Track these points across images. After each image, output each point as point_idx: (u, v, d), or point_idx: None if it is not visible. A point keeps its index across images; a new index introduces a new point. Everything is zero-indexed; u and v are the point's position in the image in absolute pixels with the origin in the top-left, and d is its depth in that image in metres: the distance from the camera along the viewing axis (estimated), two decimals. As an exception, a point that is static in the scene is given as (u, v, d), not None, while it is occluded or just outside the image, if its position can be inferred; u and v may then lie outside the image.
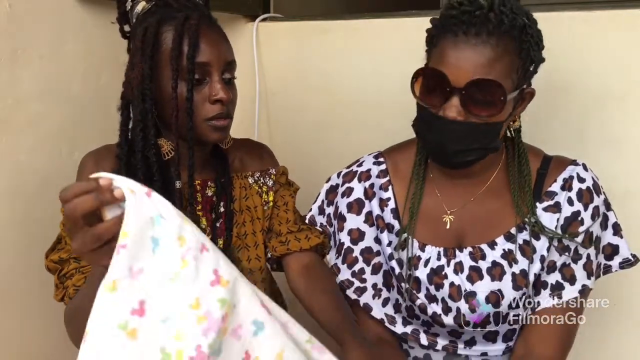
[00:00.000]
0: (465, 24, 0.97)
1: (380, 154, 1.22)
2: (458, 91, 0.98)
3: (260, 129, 1.79)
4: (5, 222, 1.29)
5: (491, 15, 0.97)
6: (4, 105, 1.26)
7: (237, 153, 1.26)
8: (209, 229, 1.18)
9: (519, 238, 1.09)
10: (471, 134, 1.01)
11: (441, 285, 1.11)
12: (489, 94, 0.98)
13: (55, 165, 1.37)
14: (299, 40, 1.74)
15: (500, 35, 0.97)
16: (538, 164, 1.13)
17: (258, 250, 1.22)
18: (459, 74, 0.97)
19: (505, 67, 0.98)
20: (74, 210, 0.72)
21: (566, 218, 1.09)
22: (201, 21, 1.08)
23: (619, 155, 1.35)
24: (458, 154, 1.03)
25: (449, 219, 1.13)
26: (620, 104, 1.34)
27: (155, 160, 1.08)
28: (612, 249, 1.13)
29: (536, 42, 1.01)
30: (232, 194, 1.21)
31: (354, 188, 1.19)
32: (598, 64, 1.35)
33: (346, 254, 1.18)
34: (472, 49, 0.97)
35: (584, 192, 1.09)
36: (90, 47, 1.40)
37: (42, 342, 1.40)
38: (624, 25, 1.33)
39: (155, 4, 1.11)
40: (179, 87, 1.06)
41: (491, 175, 1.13)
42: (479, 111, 0.99)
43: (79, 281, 1.06)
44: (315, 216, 1.26)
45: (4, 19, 1.23)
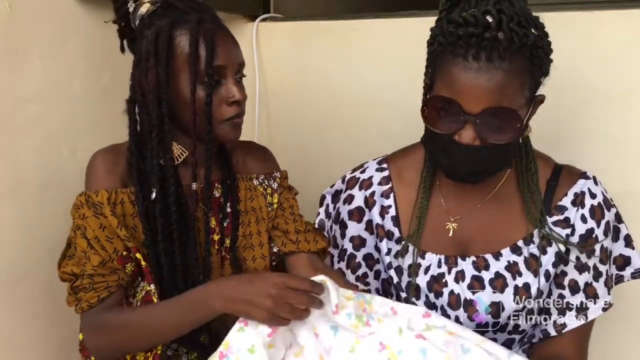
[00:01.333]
0: (475, 47, 0.93)
1: (384, 159, 1.21)
2: (472, 118, 0.95)
3: (260, 129, 1.79)
4: (5, 222, 1.29)
5: (500, 36, 0.93)
6: (4, 105, 1.26)
7: (240, 155, 1.27)
8: (218, 229, 1.19)
9: (525, 251, 1.08)
10: (488, 157, 0.99)
11: (441, 294, 1.10)
12: (505, 121, 0.96)
13: (55, 165, 1.37)
14: (299, 40, 1.74)
15: (512, 55, 0.93)
16: (548, 174, 1.11)
17: (263, 249, 1.23)
18: (473, 102, 0.94)
19: (518, 89, 0.95)
20: (288, 298, 0.94)
21: (581, 236, 1.07)
22: (214, 24, 1.10)
23: (619, 155, 1.35)
24: (473, 175, 1.03)
25: (452, 227, 1.12)
26: (620, 104, 1.35)
27: (172, 165, 1.10)
28: (624, 260, 1.13)
29: (546, 54, 0.99)
30: (237, 195, 1.22)
31: (354, 196, 1.19)
32: (598, 64, 1.35)
33: (349, 259, 1.19)
34: (484, 76, 0.93)
35: (596, 208, 1.08)
36: (90, 47, 1.39)
37: (43, 342, 1.40)
38: (624, 25, 1.33)
39: (160, 5, 1.11)
40: (196, 91, 1.07)
41: (498, 183, 1.11)
42: (496, 137, 0.96)
43: (92, 299, 1.07)
44: (325, 220, 1.26)
45: (4, 19, 1.23)
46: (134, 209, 1.12)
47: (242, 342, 0.94)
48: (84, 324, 1.10)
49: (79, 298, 1.08)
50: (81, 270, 1.08)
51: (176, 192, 1.11)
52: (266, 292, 0.95)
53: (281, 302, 0.94)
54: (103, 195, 1.09)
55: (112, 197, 1.10)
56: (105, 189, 1.10)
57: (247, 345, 0.93)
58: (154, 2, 1.11)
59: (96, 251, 1.07)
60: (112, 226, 1.08)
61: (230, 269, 1.20)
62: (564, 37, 1.34)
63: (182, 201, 1.13)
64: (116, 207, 1.10)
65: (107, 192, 1.10)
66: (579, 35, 1.36)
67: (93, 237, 1.08)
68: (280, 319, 0.95)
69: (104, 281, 1.08)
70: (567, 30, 1.36)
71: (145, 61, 1.09)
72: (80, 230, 1.09)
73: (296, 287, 0.96)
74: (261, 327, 0.95)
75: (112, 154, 1.14)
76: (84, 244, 1.08)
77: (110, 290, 1.08)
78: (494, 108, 0.94)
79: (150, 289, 1.10)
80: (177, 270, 1.11)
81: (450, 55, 0.96)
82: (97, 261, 1.07)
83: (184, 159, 1.14)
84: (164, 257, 1.10)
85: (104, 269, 1.07)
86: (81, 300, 1.08)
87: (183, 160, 1.14)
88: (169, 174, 1.10)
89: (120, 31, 1.18)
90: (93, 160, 1.14)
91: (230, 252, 1.20)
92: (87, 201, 1.10)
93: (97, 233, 1.08)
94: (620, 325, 1.40)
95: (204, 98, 1.08)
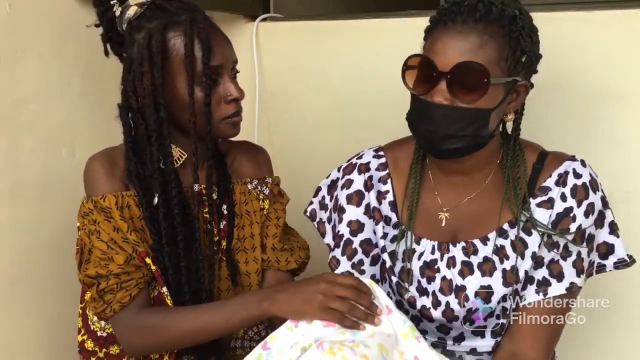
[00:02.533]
0: (454, 13, 1.01)
1: (380, 148, 1.23)
2: (444, 75, 1.00)
3: (260, 129, 1.79)
4: (5, 222, 1.29)
5: (479, 6, 1.00)
6: (4, 105, 1.26)
7: (235, 154, 1.27)
8: (216, 230, 1.19)
9: (511, 234, 1.09)
10: (459, 119, 1.02)
11: (433, 279, 1.11)
12: (473, 77, 1.00)
13: (55, 165, 1.37)
14: (299, 40, 1.74)
15: (488, 22, 0.99)
16: (534, 158, 1.12)
17: (255, 253, 1.23)
18: (445, 59, 1.00)
19: (491, 52, 0.99)
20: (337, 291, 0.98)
21: (558, 214, 1.08)
22: (206, 24, 1.09)
23: (619, 155, 1.35)
24: (446, 140, 1.03)
25: (445, 216, 1.14)
26: (620, 104, 1.34)
27: (173, 169, 1.10)
28: (607, 248, 1.12)
29: (528, 34, 1.02)
30: (233, 198, 1.22)
31: (353, 180, 1.20)
32: (598, 64, 1.35)
33: (345, 245, 1.18)
34: (458, 35, 0.99)
35: (578, 187, 1.08)
36: (90, 47, 1.39)
37: (43, 342, 1.40)
38: (624, 25, 1.33)
39: (148, 7, 1.09)
40: (194, 92, 1.07)
41: (488, 175, 1.13)
42: (464, 95, 1.00)
43: (123, 298, 1.07)
44: (317, 210, 1.26)
45: (4, 19, 1.23)
46: (140, 211, 1.11)
47: (289, 339, 0.98)
48: (120, 325, 1.09)
49: (108, 301, 1.07)
50: (107, 270, 1.07)
51: (179, 195, 1.10)
52: (316, 288, 0.99)
53: (331, 294, 0.98)
54: (111, 200, 1.09)
55: (119, 202, 1.10)
56: (112, 193, 1.10)
57: (292, 342, 0.97)
58: (141, 5, 1.09)
59: (117, 250, 1.07)
60: (123, 230, 1.08)
61: (227, 271, 1.20)
62: (564, 37, 1.34)
63: (185, 203, 1.13)
64: (124, 211, 1.10)
65: (114, 197, 1.09)
66: (579, 35, 1.36)
67: (109, 239, 1.07)
68: (333, 311, 0.97)
69: (131, 279, 1.08)
70: (567, 30, 1.36)
71: (139, 65, 1.08)
72: (95, 235, 1.08)
73: (343, 282, 1.00)
74: (315, 323, 0.98)
75: (108, 157, 1.13)
76: (103, 246, 1.07)
77: (140, 287, 1.08)
78: (463, 62, 0.98)
79: (163, 291, 1.10)
80: (181, 272, 1.11)
81: (434, 26, 1.05)
82: (122, 259, 1.07)
83: (183, 161, 1.14)
84: (168, 260, 1.10)
85: (129, 266, 1.07)
86: (111, 302, 1.07)
87: (182, 162, 1.14)
88: (170, 177, 1.10)
89: (104, 35, 1.16)
90: (91, 165, 1.13)
91: (227, 253, 1.20)
92: (96, 206, 1.09)
93: (113, 235, 1.07)
94: (620, 325, 1.40)
95: (203, 99, 1.08)
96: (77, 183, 1.16)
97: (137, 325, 1.08)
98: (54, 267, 1.37)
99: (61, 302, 1.37)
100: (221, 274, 1.20)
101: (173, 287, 1.11)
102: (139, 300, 1.08)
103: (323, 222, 1.24)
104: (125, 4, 1.10)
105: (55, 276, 1.37)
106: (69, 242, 1.22)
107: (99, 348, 1.18)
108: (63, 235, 1.32)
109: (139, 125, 1.10)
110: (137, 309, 1.08)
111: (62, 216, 1.34)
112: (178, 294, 1.11)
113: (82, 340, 1.19)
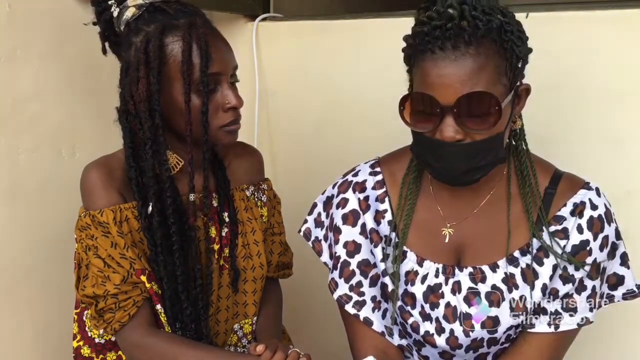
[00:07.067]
0: (440, 39, 0.92)
1: (376, 162, 1.18)
2: (449, 110, 0.93)
3: (260, 129, 1.79)
4: (5, 222, 1.29)
5: (464, 24, 0.92)
6: (4, 105, 1.26)
7: (230, 157, 1.25)
8: (218, 238, 1.18)
9: (522, 262, 1.05)
10: (475, 152, 0.97)
11: (437, 305, 1.07)
12: (482, 107, 0.93)
13: (55, 165, 1.37)
14: (299, 40, 1.74)
15: (479, 41, 0.92)
16: (547, 181, 1.07)
17: (261, 259, 1.23)
18: (446, 92, 0.93)
19: (491, 73, 0.94)
20: None
21: (574, 246, 1.03)
22: (206, 29, 1.07)
23: (619, 155, 1.35)
24: (466, 174, 0.99)
25: (449, 232, 1.09)
26: (620, 104, 1.34)
27: (168, 176, 1.07)
28: (617, 279, 1.09)
29: (518, 37, 0.97)
30: (234, 205, 1.21)
31: (348, 199, 1.14)
32: (598, 64, 1.35)
33: (343, 267, 1.13)
34: (453, 64, 0.92)
35: (595, 220, 1.03)
36: (90, 47, 1.39)
37: (42, 342, 1.40)
38: (624, 25, 1.33)
39: (146, 9, 1.07)
40: (191, 100, 1.05)
41: (493, 187, 1.08)
42: (476, 126, 0.94)
43: (122, 318, 1.06)
44: (312, 229, 1.20)
45: (4, 19, 1.23)
46: (138, 223, 1.09)
47: None
48: (123, 343, 1.09)
49: (108, 320, 1.06)
50: (104, 291, 1.05)
51: (174, 203, 1.08)
52: None
53: None
54: (109, 216, 1.06)
55: (117, 216, 1.07)
56: (109, 208, 1.07)
57: None
58: (139, 6, 1.07)
59: (114, 269, 1.05)
60: (120, 246, 1.06)
61: (229, 279, 1.19)
62: (564, 37, 1.34)
63: (182, 211, 1.10)
64: (122, 226, 1.07)
65: (112, 212, 1.07)
66: (579, 35, 1.36)
67: (107, 256, 1.06)
68: None
69: (129, 297, 1.06)
70: (567, 30, 1.36)
71: (136, 70, 1.05)
72: (92, 251, 1.06)
73: None
74: None
75: (105, 167, 1.10)
76: (100, 263, 1.06)
77: (137, 305, 1.07)
78: (468, 94, 0.92)
79: (158, 309, 1.09)
80: (177, 282, 1.09)
81: (419, 54, 0.96)
82: (118, 279, 1.05)
83: (180, 167, 1.11)
84: (163, 270, 1.08)
85: (126, 285, 1.06)
86: (111, 321, 1.06)
87: (180, 169, 1.11)
88: (166, 185, 1.07)
89: (102, 34, 1.14)
90: (87, 175, 1.09)
91: (230, 261, 1.19)
92: (94, 221, 1.07)
93: (110, 251, 1.06)
94: (621, 325, 1.40)
95: (200, 106, 1.05)
96: (76, 183, 1.15)
97: (139, 345, 1.07)
98: (54, 267, 1.37)
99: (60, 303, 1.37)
100: (222, 282, 1.19)
101: (170, 297, 1.09)
102: (140, 318, 1.07)
103: (319, 240, 1.19)
104: (124, 5, 1.08)
105: (55, 276, 1.37)
106: (69, 243, 1.21)
107: (95, 354, 1.16)
108: (62, 235, 1.32)
109: (137, 130, 1.08)
110: (143, 326, 1.07)
111: (62, 216, 1.34)
112: (175, 303, 1.10)
113: (78, 347, 1.17)
